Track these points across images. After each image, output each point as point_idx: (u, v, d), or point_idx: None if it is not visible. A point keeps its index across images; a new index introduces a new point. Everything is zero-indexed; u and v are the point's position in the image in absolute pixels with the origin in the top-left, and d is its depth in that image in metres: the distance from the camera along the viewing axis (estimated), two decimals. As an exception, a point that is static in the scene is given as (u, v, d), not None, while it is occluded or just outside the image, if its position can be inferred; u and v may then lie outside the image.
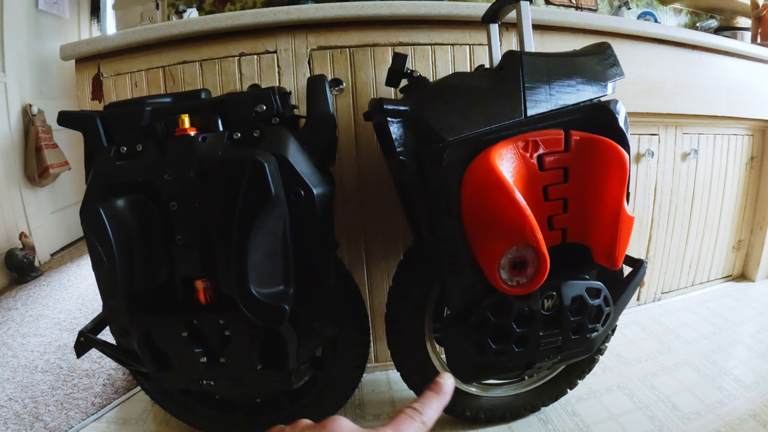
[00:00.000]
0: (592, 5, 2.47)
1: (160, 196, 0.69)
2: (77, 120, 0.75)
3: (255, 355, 0.73)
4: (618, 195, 0.68)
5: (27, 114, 2.23)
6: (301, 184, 0.68)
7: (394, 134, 0.72)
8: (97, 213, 0.63)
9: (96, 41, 1.05)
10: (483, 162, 0.67)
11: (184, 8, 2.25)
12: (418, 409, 0.34)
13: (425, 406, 0.35)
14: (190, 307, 0.72)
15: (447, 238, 0.72)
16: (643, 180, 1.41)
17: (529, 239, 0.64)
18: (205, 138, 0.70)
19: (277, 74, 1.05)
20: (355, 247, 1.15)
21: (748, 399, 1.05)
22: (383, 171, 1.06)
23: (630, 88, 1.24)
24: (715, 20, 2.61)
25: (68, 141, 2.42)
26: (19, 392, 1.21)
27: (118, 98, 1.07)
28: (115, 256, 0.64)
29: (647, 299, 1.57)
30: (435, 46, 1.09)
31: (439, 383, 0.37)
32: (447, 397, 0.37)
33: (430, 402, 0.36)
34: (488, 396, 1.00)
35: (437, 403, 0.36)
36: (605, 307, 0.79)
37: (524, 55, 0.74)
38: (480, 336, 0.75)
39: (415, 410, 0.34)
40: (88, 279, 2.04)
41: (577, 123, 0.71)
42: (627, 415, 1.02)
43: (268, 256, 0.66)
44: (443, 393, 0.37)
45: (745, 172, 1.62)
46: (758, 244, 1.68)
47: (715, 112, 1.43)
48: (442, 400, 0.36)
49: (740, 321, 1.43)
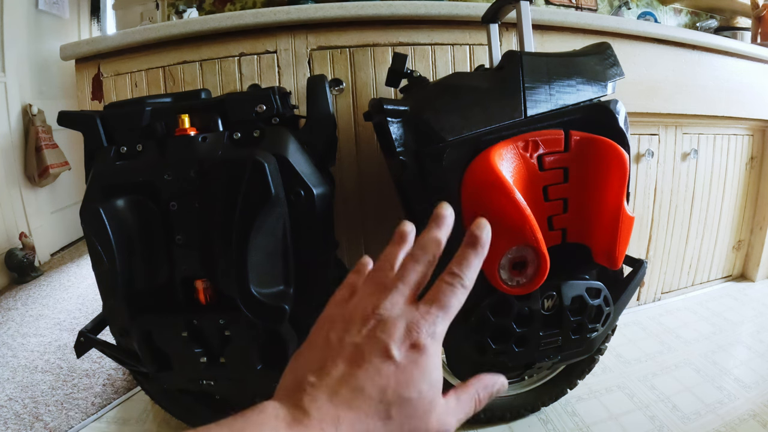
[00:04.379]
0: (592, 5, 2.47)
1: (160, 196, 0.69)
2: (77, 120, 0.75)
3: (255, 355, 0.72)
4: (618, 195, 0.68)
5: (27, 114, 2.23)
6: (301, 184, 0.68)
7: (394, 134, 0.72)
8: (97, 213, 0.63)
9: (96, 41, 1.05)
10: (483, 162, 0.67)
11: (184, 8, 2.25)
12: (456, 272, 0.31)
13: (463, 267, 0.31)
14: (190, 307, 0.72)
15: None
16: (643, 180, 1.41)
17: (529, 239, 0.64)
18: (205, 138, 0.70)
19: (277, 74, 1.05)
20: (355, 247, 1.15)
21: (748, 399, 1.05)
22: (383, 171, 1.06)
23: (630, 88, 1.23)
24: (715, 20, 2.61)
25: (68, 141, 2.42)
26: (19, 392, 1.21)
27: (118, 98, 1.06)
28: (115, 256, 0.64)
29: (647, 299, 1.57)
30: (435, 46, 1.09)
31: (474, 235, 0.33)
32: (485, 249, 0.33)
33: (469, 260, 0.32)
34: (488, 396, 1.00)
35: (476, 260, 0.32)
36: (605, 307, 0.79)
37: (524, 55, 0.74)
38: (480, 336, 0.75)
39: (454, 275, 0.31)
40: (88, 279, 2.04)
41: (577, 123, 0.71)
42: (627, 415, 1.02)
43: (268, 256, 0.66)
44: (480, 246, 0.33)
45: (745, 172, 1.62)
46: (758, 244, 1.68)
47: (715, 112, 1.42)
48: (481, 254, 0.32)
49: (740, 321, 1.43)
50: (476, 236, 0.33)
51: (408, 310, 0.29)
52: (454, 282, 0.30)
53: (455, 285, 0.30)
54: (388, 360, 0.26)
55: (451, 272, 0.31)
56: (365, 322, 0.28)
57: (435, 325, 0.29)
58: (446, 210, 0.35)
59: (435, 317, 0.29)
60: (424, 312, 0.29)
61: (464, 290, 0.31)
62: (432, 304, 0.30)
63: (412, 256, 0.32)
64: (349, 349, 0.27)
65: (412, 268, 0.31)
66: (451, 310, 0.30)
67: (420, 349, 0.27)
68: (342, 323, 0.29)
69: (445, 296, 0.30)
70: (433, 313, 0.29)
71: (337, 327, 0.29)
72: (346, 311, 0.30)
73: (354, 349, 0.27)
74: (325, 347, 0.28)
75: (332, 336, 0.29)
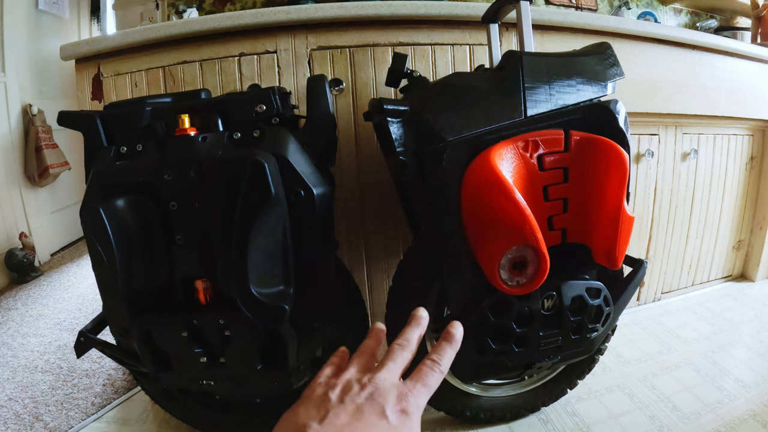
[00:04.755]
0: (592, 5, 2.47)
1: (160, 196, 0.69)
2: (77, 120, 0.75)
3: (255, 355, 0.72)
4: (618, 195, 0.68)
5: (27, 114, 2.23)
6: (301, 184, 0.68)
7: (394, 134, 0.72)
8: (97, 213, 0.63)
9: (96, 41, 1.05)
10: (483, 162, 0.67)
11: (184, 8, 2.25)
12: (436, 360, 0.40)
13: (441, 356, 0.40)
14: (190, 307, 0.72)
15: (447, 238, 0.72)
16: (643, 180, 1.41)
17: (529, 239, 0.64)
18: (205, 138, 0.70)
19: (277, 74, 1.05)
20: (355, 247, 1.15)
21: (748, 399, 1.05)
22: (383, 171, 1.06)
23: (630, 88, 1.24)
24: (715, 20, 2.61)
25: (68, 141, 2.42)
26: (19, 392, 1.21)
27: (118, 98, 1.06)
28: (115, 256, 0.64)
29: (647, 299, 1.57)
30: (435, 46, 1.08)
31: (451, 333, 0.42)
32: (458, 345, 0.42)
33: (445, 351, 0.41)
34: (488, 396, 1.00)
35: (450, 351, 0.41)
36: (605, 307, 0.79)
37: (524, 55, 0.74)
38: (480, 336, 0.75)
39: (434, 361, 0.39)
40: (88, 279, 2.04)
41: (577, 123, 0.71)
42: (627, 415, 1.02)
43: (268, 256, 0.66)
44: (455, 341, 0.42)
45: (745, 172, 1.62)
46: (758, 244, 1.68)
47: (715, 112, 1.43)
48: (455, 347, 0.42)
49: (740, 321, 1.43)
50: (452, 334, 0.43)
51: (399, 383, 0.37)
52: (434, 367, 0.39)
53: (435, 369, 0.39)
54: (384, 419, 0.33)
55: (431, 359, 0.40)
56: (364, 387, 0.36)
57: (419, 397, 0.37)
58: (423, 313, 0.45)
59: (419, 391, 0.37)
60: (411, 387, 0.37)
61: (441, 374, 0.39)
62: (417, 381, 0.38)
63: (401, 345, 0.41)
64: (351, 406, 0.34)
65: (400, 353, 0.40)
66: (432, 388, 0.38)
67: (408, 414, 0.35)
68: (342, 386, 0.36)
69: (427, 377, 0.38)
70: (418, 388, 0.37)
71: (337, 389, 0.36)
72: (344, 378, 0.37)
73: (355, 407, 0.34)
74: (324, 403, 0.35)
75: (332, 396, 0.35)
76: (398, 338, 0.42)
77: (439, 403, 0.98)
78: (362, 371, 0.38)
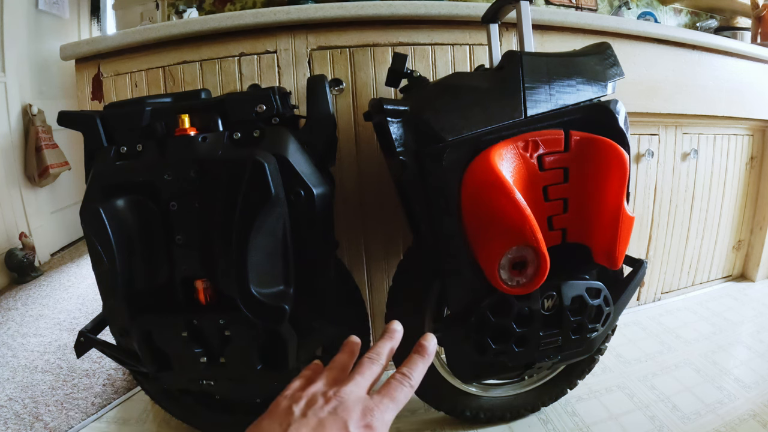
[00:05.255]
0: (592, 5, 2.47)
1: (160, 196, 0.69)
2: (77, 120, 0.75)
3: (255, 355, 0.72)
4: (618, 195, 0.68)
5: (27, 114, 2.23)
6: (301, 184, 0.68)
7: (394, 134, 0.72)
8: (97, 213, 0.63)
9: (96, 41, 1.05)
10: (483, 162, 0.67)
11: (184, 8, 2.25)
12: (406, 374, 0.38)
13: (412, 370, 0.39)
14: (190, 307, 0.72)
15: (447, 238, 0.72)
16: (643, 180, 1.41)
17: (529, 239, 0.64)
18: (205, 138, 0.70)
19: (277, 74, 1.05)
20: (355, 247, 1.15)
21: (748, 399, 1.05)
22: (383, 171, 1.06)
23: (630, 88, 1.24)
24: (715, 20, 2.61)
25: (68, 141, 2.42)
26: (19, 392, 1.21)
27: (118, 98, 1.06)
28: (115, 256, 0.64)
29: (647, 299, 1.57)
30: (435, 46, 1.09)
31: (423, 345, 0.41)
32: (431, 358, 0.41)
33: (416, 365, 0.40)
34: (488, 396, 1.00)
35: (422, 365, 0.40)
36: (605, 307, 0.79)
37: (524, 55, 0.74)
38: (480, 336, 0.75)
39: (404, 375, 0.38)
40: (88, 279, 2.04)
41: (577, 123, 0.71)
42: (627, 415, 1.02)
43: (268, 256, 0.66)
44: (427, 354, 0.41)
45: (745, 172, 1.62)
46: (758, 244, 1.68)
47: (715, 112, 1.43)
48: (427, 361, 0.41)
49: (740, 321, 1.43)
50: (425, 347, 0.41)
51: (365, 398, 0.36)
52: (404, 381, 0.38)
53: (404, 383, 0.38)
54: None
55: (401, 373, 0.38)
56: (328, 401, 0.35)
57: (385, 412, 0.35)
58: (397, 326, 0.44)
59: (386, 406, 0.36)
60: (378, 401, 0.36)
61: (411, 388, 0.38)
62: (385, 396, 0.36)
63: (370, 359, 0.40)
64: (313, 421, 0.33)
65: (369, 366, 0.39)
66: (400, 403, 0.37)
67: (373, 429, 0.34)
68: (306, 400, 0.35)
69: (395, 391, 0.37)
70: (385, 403, 0.36)
71: (301, 403, 0.35)
72: (310, 392, 0.36)
73: (317, 422, 0.33)
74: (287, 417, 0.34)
75: (296, 409, 0.34)
76: (369, 351, 0.41)
77: (439, 403, 0.98)
78: (330, 384, 0.37)
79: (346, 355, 0.43)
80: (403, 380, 0.38)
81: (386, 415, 0.35)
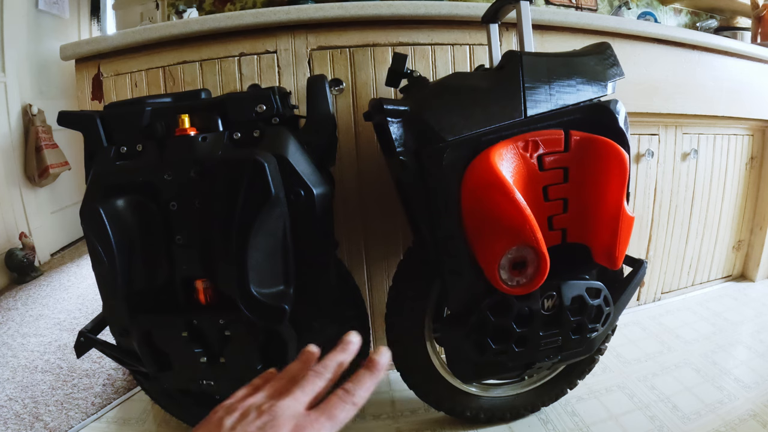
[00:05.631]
0: (592, 5, 2.47)
1: (160, 196, 0.69)
2: (77, 120, 0.75)
3: (255, 355, 0.72)
4: (618, 195, 0.68)
5: (27, 114, 2.23)
6: (301, 184, 0.68)
7: (394, 134, 0.72)
8: (97, 213, 0.63)
9: (96, 41, 1.05)
10: (483, 162, 0.67)
11: (184, 8, 2.25)
12: (349, 390, 0.36)
13: (357, 386, 0.36)
14: (190, 307, 0.72)
15: (447, 238, 0.72)
16: (643, 180, 1.41)
17: (529, 239, 0.64)
18: (205, 138, 0.70)
19: (277, 74, 1.05)
20: (355, 247, 1.15)
21: (748, 399, 1.05)
22: (383, 171, 1.06)
23: (630, 88, 1.24)
24: (715, 20, 2.61)
25: (68, 141, 2.42)
26: (19, 392, 1.21)
27: (118, 98, 1.06)
28: (115, 256, 0.64)
29: (647, 299, 1.57)
30: (435, 46, 1.09)
31: (373, 360, 0.38)
32: (381, 373, 0.38)
33: (363, 381, 0.37)
34: (488, 396, 1.00)
35: (370, 382, 0.37)
36: (605, 307, 0.79)
37: (524, 55, 0.74)
38: (480, 336, 0.75)
39: (347, 392, 0.36)
40: (88, 279, 2.04)
41: (577, 123, 0.71)
42: (627, 415, 1.02)
43: (268, 256, 0.66)
44: (377, 370, 0.38)
45: (745, 172, 1.62)
46: (758, 244, 1.68)
47: (715, 112, 1.43)
48: (376, 377, 0.38)
49: (740, 321, 1.43)
50: (375, 361, 0.38)
51: (301, 414, 0.33)
52: (346, 398, 0.35)
53: (346, 401, 0.35)
54: None
55: (345, 389, 0.36)
56: (260, 416, 0.33)
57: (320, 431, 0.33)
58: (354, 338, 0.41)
59: (322, 425, 0.33)
60: (314, 419, 0.33)
61: (353, 406, 0.35)
62: (322, 413, 0.34)
63: (316, 372, 0.37)
64: None
65: (313, 381, 0.36)
66: (339, 422, 0.34)
67: None
68: (240, 413, 0.34)
69: (335, 409, 0.34)
70: (321, 422, 0.33)
71: (234, 415, 0.34)
72: (246, 403, 0.35)
73: None
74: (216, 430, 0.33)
75: (227, 422, 0.33)
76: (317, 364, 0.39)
77: (439, 403, 0.98)
78: (270, 397, 0.35)
79: (298, 365, 0.41)
80: (345, 397, 0.35)
81: None
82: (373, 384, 0.37)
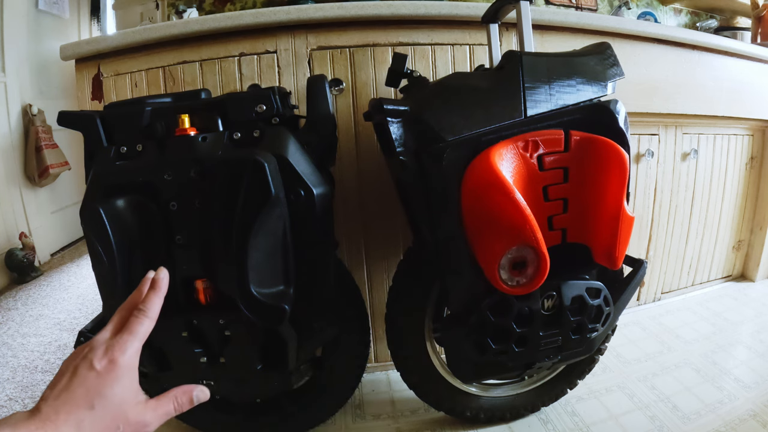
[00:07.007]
0: (592, 5, 2.47)
1: (160, 196, 0.69)
2: (77, 120, 0.75)
3: (255, 355, 0.72)
4: (618, 195, 0.68)
5: (27, 114, 2.23)
6: (301, 184, 0.68)
7: (394, 134, 0.72)
8: (97, 213, 0.63)
9: (96, 41, 1.05)
10: (483, 162, 0.67)
11: (184, 8, 2.25)
12: (142, 308, 0.45)
13: (147, 304, 0.46)
14: (190, 307, 0.72)
15: (447, 238, 0.72)
16: (643, 180, 1.41)
17: (529, 239, 0.64)
18: (205, 138, 0.70)
19: (277, 74, 1.05)
20: (355, 247, 1.15)
21: (748, 399, 1.05)
22: (383, 171, 1.06)
23: (630, 88, 1.23)
24: (715, 20, 2.61)
25: (68, 141, 2.42)
26: (19, 392, 1.21)
27: (118, 98, 1.07)
28: (115, 256, 0.64)
29: (647, 299, 1.57)
30: (435, 46, 1.09)
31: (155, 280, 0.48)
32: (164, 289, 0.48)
33: (151, 300, 0.46)
34: (488, 396, 1.00)
35: (157, 300, 0.47)
36: (605, 307, 0.79)
37: (524, 55, 0.74)
38: (480, 336, 0.75)
39: (140, 310, 0.45)
40: (88, 279, 2.04)
41: (577, 123, 0.71)
42: (627, 415, 1.02)
43: (268, 256, 0.66)
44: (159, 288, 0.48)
45: (745, 172, 1.62)
46: (758, 244, 1.68)
47: (715, 112, 1.43)
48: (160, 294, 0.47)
49: (740, 321, 1.43)
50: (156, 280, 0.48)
51: (109, 339, 0.43)
52: (140, 315, 0.44)
53: (140, 317, 0.44)
54: (92, 370, 0.40)
55: (138, 309, 0.45)
56: (82, 350, 0.42)
57: (125, 344, 0.42)
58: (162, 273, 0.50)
59: (125, 340, 0.42)
60: (118, 338, 0.42)
61: (149, 319, 0.45)
62: (125, 332, 0.43)
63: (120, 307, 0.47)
64: (71, 369, 0.40)
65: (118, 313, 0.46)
66: (139, 334, 0.43)
67: (114, 362, 0.40)
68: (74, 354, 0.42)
69: (132, 325, 0.44)
70: (125, 337, 0.42)
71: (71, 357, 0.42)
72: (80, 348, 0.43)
73: (73, 368, 0.40)
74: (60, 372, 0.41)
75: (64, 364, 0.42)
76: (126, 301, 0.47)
77: (439, 403, 0.98)
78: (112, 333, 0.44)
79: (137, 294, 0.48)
80: (139, 314, 0.44)
81: (127, 346, 0.42)
82: (159, 300, 0.47)
